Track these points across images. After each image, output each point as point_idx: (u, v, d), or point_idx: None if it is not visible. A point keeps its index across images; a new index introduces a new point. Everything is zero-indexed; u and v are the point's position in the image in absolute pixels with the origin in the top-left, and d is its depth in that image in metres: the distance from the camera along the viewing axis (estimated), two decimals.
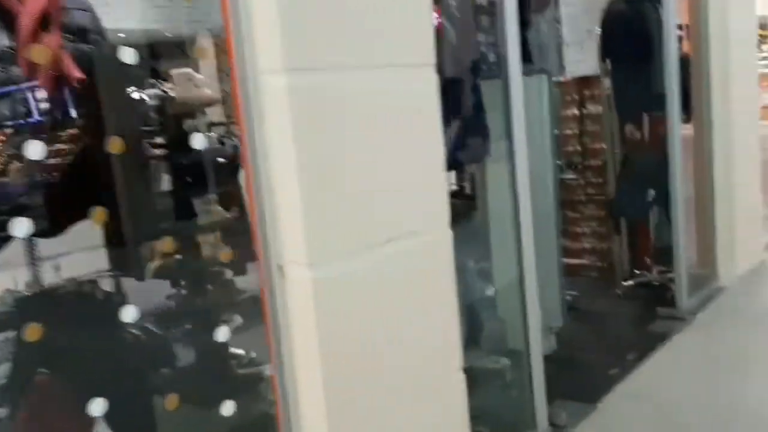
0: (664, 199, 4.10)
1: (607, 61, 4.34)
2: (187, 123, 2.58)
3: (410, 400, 1.94)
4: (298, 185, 1.62)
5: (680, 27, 4.38)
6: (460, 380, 2.11)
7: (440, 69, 2.11)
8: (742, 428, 2.79)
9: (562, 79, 5.08)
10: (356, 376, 1.76)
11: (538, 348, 2.80)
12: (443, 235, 2.10)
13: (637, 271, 4.64)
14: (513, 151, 2.65)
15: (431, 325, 2.03)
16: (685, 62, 4.21)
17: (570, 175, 5.05)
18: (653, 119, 4.12)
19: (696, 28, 4.32)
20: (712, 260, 4.48)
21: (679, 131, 3.93)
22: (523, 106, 2.68)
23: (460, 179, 3.97)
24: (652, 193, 4.10)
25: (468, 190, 3.98)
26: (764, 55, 9.21)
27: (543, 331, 3.60)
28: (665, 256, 4.31)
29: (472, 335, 2.89)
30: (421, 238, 2.02)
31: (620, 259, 4.75)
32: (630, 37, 4.10)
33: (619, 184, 4.34)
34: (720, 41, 4.29)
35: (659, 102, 3.93)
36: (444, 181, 2.12)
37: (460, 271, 2.91)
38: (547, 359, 3.58)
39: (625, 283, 4.54)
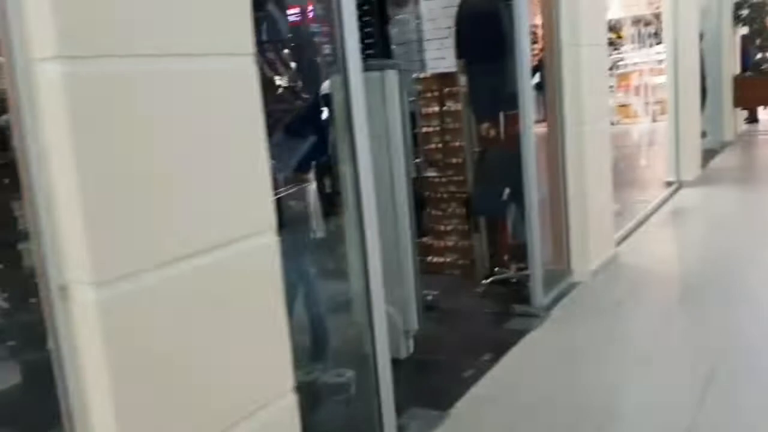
0: (519, 198, 4.12)
1: (462, 59, 4.31)
2: None
3: (233, 428, 1.75)
4: (80, 192, 1.39)
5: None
6: (291, 402, 1.94)
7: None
8: (592, 427, 2.80)
9: (422, 75, 5.07)
10: (161, 408, 1.55)
11: (385, 356, 2.68)
12: (267, 242, 1.92)
13: (497, 269, 4.66)
14: (354, 149, 2.51)
15: (255, 343, 1.85)
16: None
17: (432, 173, 5.03)
18: (508, 118, 4.13)
19: (548, 29, 4.37)
20: (566, 257, 4.57)
21: (531, 130, 3.95)
22: (364, 102, 2.54)
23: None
24: (507, 191, 4.11)
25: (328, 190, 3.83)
26: (620, 56, 9.66)
27: (400, 335, 3.53)
28: (523, 253, 4.35)
29: (318, 347, 2.74)
30: (239, 246, 1.83)
31: (481, 257, 4.76)
32: (482, 36, 4.09)
33: (476, 183, 4.33)
34: (571, 42, 4.37)
35: (513, 101, 3.94)
36: (268, 182, 1.93)
37: (305, 277, 2.76)
38: (403, 364, 3.52)
39: (485, 281, 4.55)
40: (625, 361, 3.35)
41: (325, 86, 2.88)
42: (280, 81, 2.73)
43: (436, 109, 4.94)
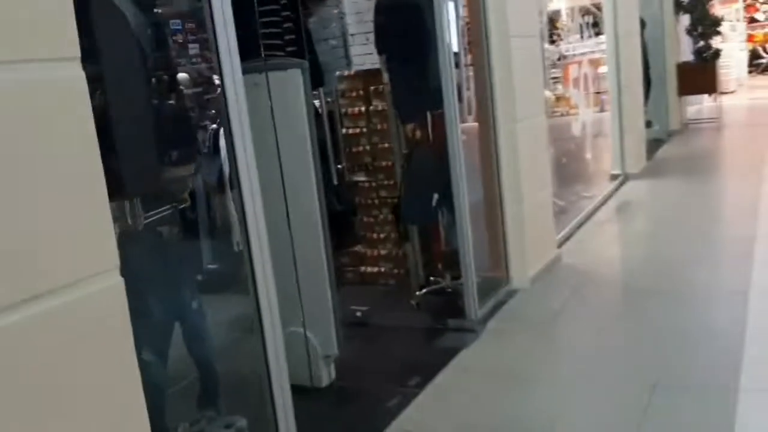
0: (451, 203, 3.82)
1: (382, 54, 4.00)
2: None
3: None
4: None
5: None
6: None
7: None
8: None
9: (345, 73, 4.74)
10: None
11: (285, 395, 2.35)
12: (110, 285, 1.58)
13: (432, 278, 4.37)
14: (235, 155, 2.17)
15: (100, 404, 1.51)
16: None
17: (361, 177, 4.71)
18: (434, 117, 3.83)
19: (474, 21, 4.08)
20: (504, 263, 4.30)
21: (457, 130, 3.66)
22: (244, 105, 2.21)
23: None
24: (436, 196, 3.81)
25: None
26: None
27: (319, 361, 3.20)
28: (458, 261, 4.06)
29: (206, 392, 2.39)
30: (72, 293, 1.50)
31: (415, 266, 4.46)
32: (400, 28, 3.78)
33: (403, 188, 4.02)
34: (499, 34, 4.08)
35: (439, 99, 3.64)
36: (106, 213, 1.59)
37: (185, 313, 2.41)
38: (323, 393, 3.19)
39: (419, 293, 4.24)
40: (561, 380, 3.08)
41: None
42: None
43: (363, 108, 4.63)
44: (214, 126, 2.70)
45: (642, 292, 4.02)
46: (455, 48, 3.93)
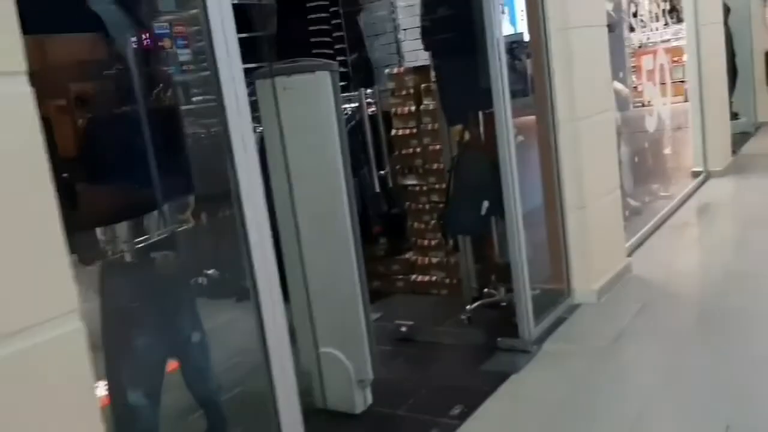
0: (503, 210, 3.50)
1: (429, 50, 3.70)
2: None
3: None
4: None
5: None
6: None
7: None
8: None
9: (395, 70, 4.47)
10: None
11: (294, 417, 2.10)
12: (68, 330, 1.39)
13: (486, 290, 4.05)
14: (235, 170, 1.94)
15: None
16: None
17: (411, 181, 4.43)
18: (486, 118, 3.51)
19: (532, 11, 3.73)
20: (565, 275, 3.94)
21: (509, 132, 3.33)
22: (247, 112, 1.98)
23: None
24: (486, 204, 3.49)
25: None
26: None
27: (352, 386, 2.96)
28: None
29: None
30: (24, 341, 1.31)
31: (468, 276, 4.16)
32: (446, 23, 3.46)
33: (449, 195, 3.72)
34: (559, 26, 3.72)
35: (488, 97, 3.32)
36: (62, 249, 1.39)
37: (183, 350, 2.19)
38: (357, 421, 2.95)
39: (470, 307, 3.93)
40: (622, 417, 2.72)
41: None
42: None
43: (413, 108, 4.34)
44: None
45: (722, 311, 3.58)
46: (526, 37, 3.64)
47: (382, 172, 4.13)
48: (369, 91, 4.53)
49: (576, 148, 3.84)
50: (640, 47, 5.18)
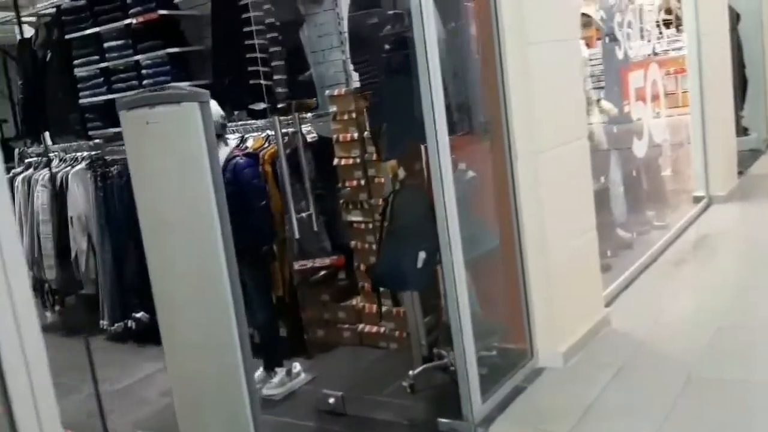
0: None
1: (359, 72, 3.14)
2: None
3: None
4: None
5: None
6: None
7: None
8: None
9: (336, 92, 3.90)
10: None
11: None
12: None
13: (436, 350, 3.47)
14: None
15: None
16: None
17: (356, 217, 3.86)
18: (418, 151, 2.94)
19: (484, 23, 3.16)
20: (526, 333, 3.35)
21: (445, 167, 2.75)
22: None
23: None
24: (422, 256, 2.91)
25: None
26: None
27: None
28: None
29: None
30: None
31: (416, 333, 3.57)
32: (377, 40, 2.90)
33: (379, 241, 3.14)
34: (519, 40, 3.14)
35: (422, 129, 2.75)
36: None
37: None
38: None
39: (413, 372, 3.33)
40: None
41: None
42: None
43: (356, 134, 3.78)
44: None
45: (716, 382, 2.98)
46: None
47: (303, 214, 3.56)
48: (309, 114, 3.97)
49: (537, 184, 3.25)
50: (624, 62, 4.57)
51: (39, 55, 5.08)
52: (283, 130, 3.80)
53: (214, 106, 3.37)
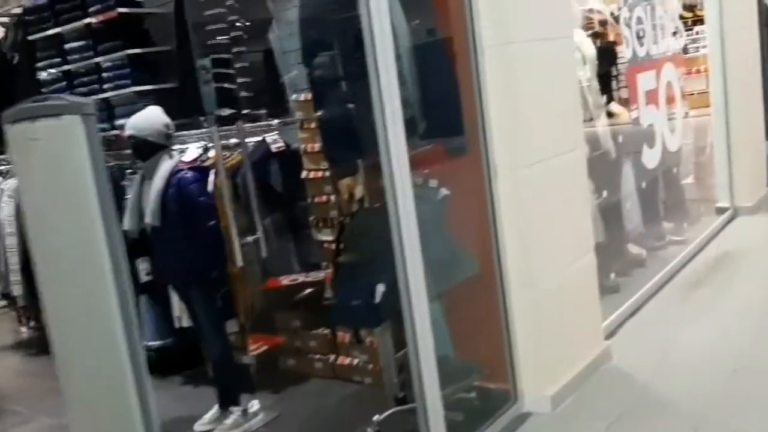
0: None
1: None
2: None
3: None
4: None
5: None
6: None
7: None
8: None
9: (303, 97, 3.52)
10: None
11: None
12: None
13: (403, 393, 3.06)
14: None
15: None
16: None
17: (327, 236, 3.48)
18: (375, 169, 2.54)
19: (458, 20, 2.74)
20: (510, 373, 2.93)
21: (402, 183, 2.35)
22: None
23: None
24: (381, 290, 2.51)
25: None
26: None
27: None
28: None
29: None
30: None
31: (388, 369, 3.17)
32: (328, 44, 2.50)
33: (335, 272, 2.74)
34: (498, 40, 2.72)
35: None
36: None
37: None
38: None
39: (377, 418, 2.92)
40: None
41: None
42: None
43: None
44: None
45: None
46: None
47: (249, 238, 3.17)
48: (276, 122, 3.59)
49: (521, 203, 2.83)
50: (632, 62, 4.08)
51: (8, 57, 4.80)
52: (249, 140, 3.44)
53: (156, 113, 3.04)
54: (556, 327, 2.98)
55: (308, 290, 3.63)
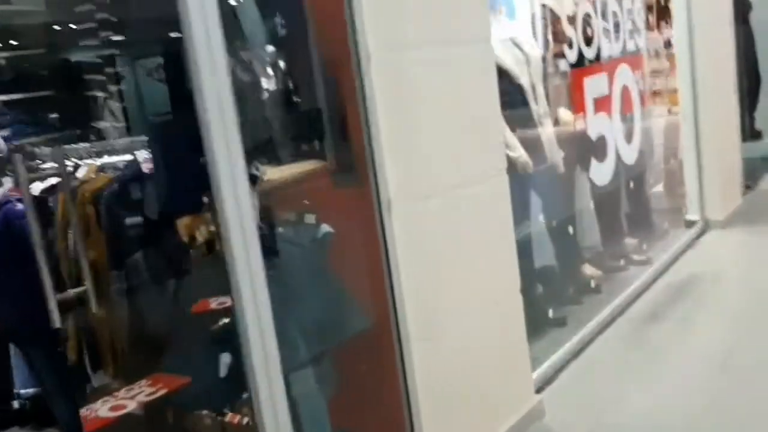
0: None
1: None
2: None
3: None
4: None
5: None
6: None
7: None
8: None
9: None
10: None
11: None
12: None
13: None
14: None
15: None
16: None
17: None
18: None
19: (337, 26, 2.22)
20: None
21: (245, 226, 1.83)
22: None
23: None
24: (226, 361, 2.00)
25: None
26: None
27: None
28: None
29: None
30: None
31: None
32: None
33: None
34: (387, 44, 2.21)
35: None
36: None
37: None
38: None
39: None
40: None
41: None
42: None
43: None
44: None
45: None
46: None
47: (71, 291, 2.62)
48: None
49: (422, 242, 2.32)
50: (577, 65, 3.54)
51: None
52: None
53: None
54: (470, 386, 2.49)
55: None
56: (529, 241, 3.78)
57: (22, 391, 3.28)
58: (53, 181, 2.70)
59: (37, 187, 2.63)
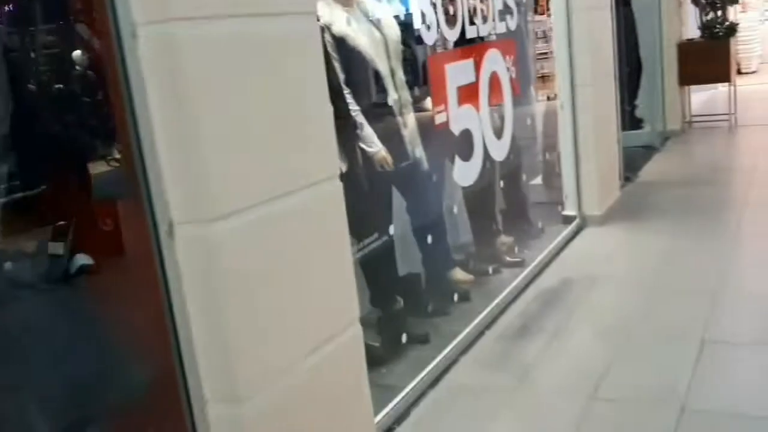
0: None
1: None
2: None
3: None
4: None
5: None
6: None
7: None
8: None
9: None
10: None
11: None
12: None
13: None
14: None
15: None
16: None
17: None
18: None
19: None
20: None
21: None
22: None
23: None
24: None
25: None
26: None
27: None
28: None
29: None
30: None
31: None
32: None
33: None
34: (147, 13, 1.64)
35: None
36: None
37: None
38: None
39: None
40: None
41: None
42: None
43: None
44: None
45: None
46: None
47: None
48: None
49: (217, 276, 1.78)
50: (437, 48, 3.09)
51: None
52: None
53: None
54: None
55: None
56: (392, 247, 3.34)
57: None
58: None
59: None
